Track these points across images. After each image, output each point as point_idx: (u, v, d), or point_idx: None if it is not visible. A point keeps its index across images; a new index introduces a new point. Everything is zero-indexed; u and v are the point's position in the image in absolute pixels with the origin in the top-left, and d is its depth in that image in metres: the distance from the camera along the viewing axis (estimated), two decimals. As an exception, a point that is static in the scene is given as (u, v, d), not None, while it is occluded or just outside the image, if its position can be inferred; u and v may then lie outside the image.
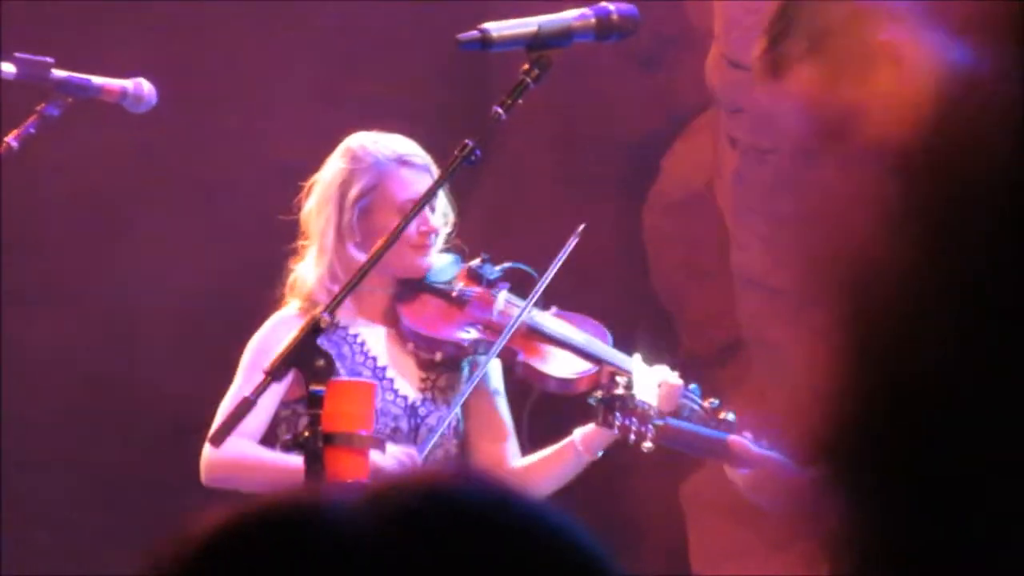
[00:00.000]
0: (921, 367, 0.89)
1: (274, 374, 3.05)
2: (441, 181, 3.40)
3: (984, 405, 0.87)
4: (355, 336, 3.87)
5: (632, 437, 3.59)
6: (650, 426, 3.60)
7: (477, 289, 3.96)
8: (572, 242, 3.87)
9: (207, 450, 3.67)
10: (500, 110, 3.25)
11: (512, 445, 3.92)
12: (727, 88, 5.56)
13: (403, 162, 3.81)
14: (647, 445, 3.59)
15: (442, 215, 3.90)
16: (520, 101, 3.26)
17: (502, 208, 6.01)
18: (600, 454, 3.79)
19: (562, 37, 3.32)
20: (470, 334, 3.88)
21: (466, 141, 3.33)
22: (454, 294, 3.92)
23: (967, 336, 0.88)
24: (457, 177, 3.45)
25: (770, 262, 5.34)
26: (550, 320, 3.94)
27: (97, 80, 3.69)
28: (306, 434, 3.06)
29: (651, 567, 5.52)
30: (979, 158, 0.89)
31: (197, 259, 6.12)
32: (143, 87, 3.74)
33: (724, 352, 5.75)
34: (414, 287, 3.91)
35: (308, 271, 3.84)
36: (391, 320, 3.90)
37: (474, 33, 3.29)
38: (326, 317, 3.08)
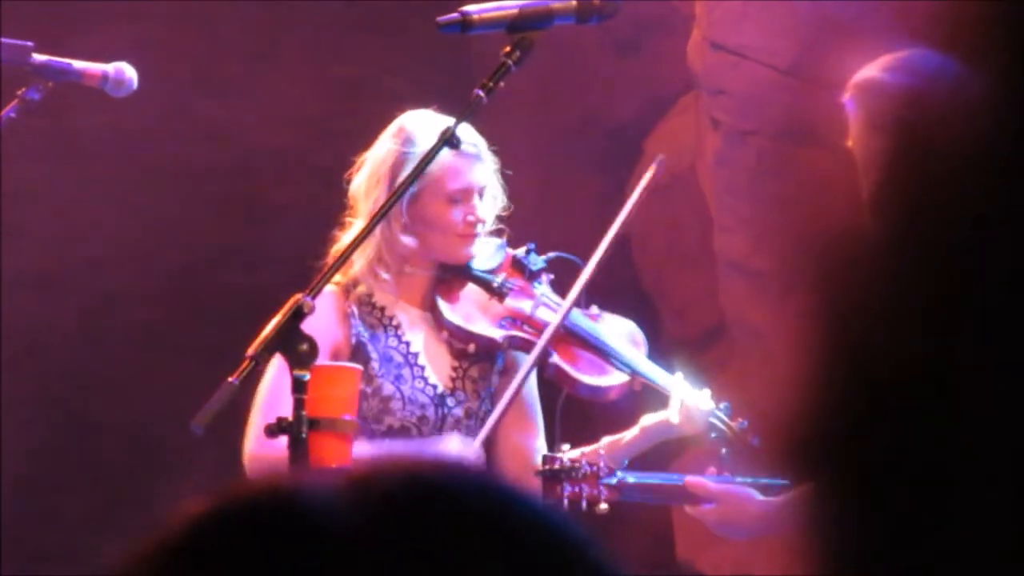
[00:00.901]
0: (899, 357, 0.88)
1: (257, 359, 3.03)
2: (421, 167, 3.38)
3: (965, 396, 0.87)
4: (391, 318, 3.82)
5: (584, 503, 3.57)
6: (602, 487, 3.58)
7: (519, 281, 3.90)
8: (613, 232, 3.79)
9: (249, 444, 3.62)
10: (481, 93, 3.24)
11: (539, 442, 3.88)
12: (709, 70, 5.54)
13: (456, 149, 3.75)
14: (602, 507, 3.58)
15: (491, 199, 3.85)
16: (502, 84, 3.25)
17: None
18: (626, 463, 3.75)
19: (543, 19, 3.31)
20: (505, 329, 3.84)
21: (446, 126, 3.33)
22: (495, 285, 3.87)
23: (948, 326, 0.87)
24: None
25: (752, 245, 5.34)
26: (588, 322, 3.88)
27: (78, 64, 3.67)
28: (290, 419, 3.04)
29: (636, 551, 5.53)
30: (957, 146, 0.89)
31: (174, 241, 6.11)
32: (124, 71, 3.72)
33: (707, 337, 5.75)
34: (456, 273, 3.86)
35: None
36: (429, 305, 3.85)
37: (454, 16, 3.28)
38: (309, 301, 3.06)
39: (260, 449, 3.56)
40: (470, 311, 3.84)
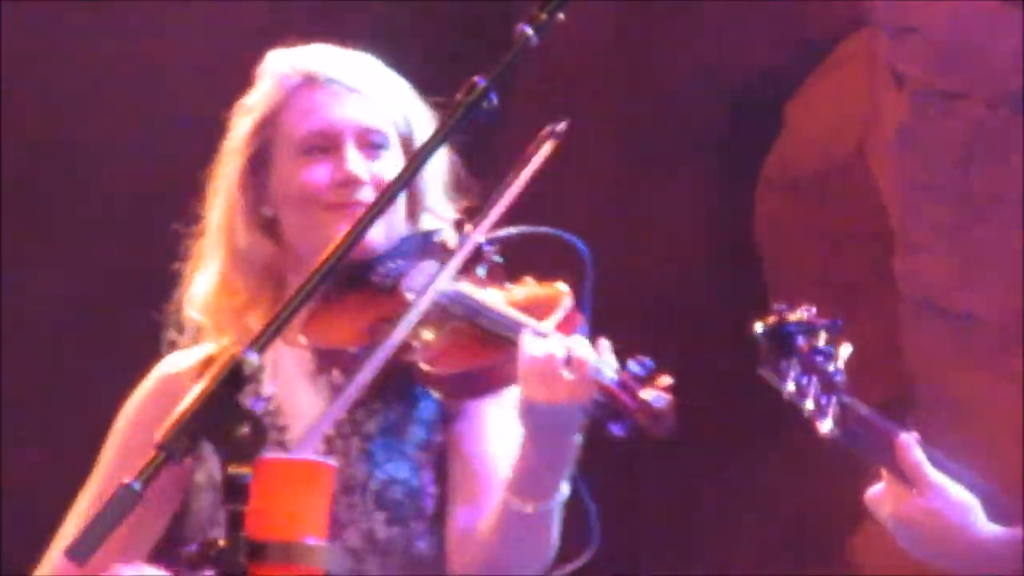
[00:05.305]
0: None
1: (168, 448, 3.02)
2: (437, 139, 3.36)
3: None
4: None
5: (809, 406, 3.65)
6: (834, 399, 3.69)
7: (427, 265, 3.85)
8: (547, 148, 3.81)
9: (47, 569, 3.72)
10: (530, 30, 3.23)
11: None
12: (891, -4, 5.60)
13: (310, 79, 3.76)
14: (827, 425, 3.67)
15: (397, 155, 3.86)
16: (562, 16, 3.24)
17: (537, 192, 6.02)
18: None
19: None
20: (371, 334, 3.76)
21: (475, 79, 3.31)
22: (377, 275, 3.83)
23: None
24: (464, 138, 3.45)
25: (959, 273, 5.33)
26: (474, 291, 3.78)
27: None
28: (220, 543, 3.04)
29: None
30: None
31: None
32: None
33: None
34: (344, 279, 3.81)
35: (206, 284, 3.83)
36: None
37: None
38: (252, 357, 3.06)
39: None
40: (336, 325, 3.82)
